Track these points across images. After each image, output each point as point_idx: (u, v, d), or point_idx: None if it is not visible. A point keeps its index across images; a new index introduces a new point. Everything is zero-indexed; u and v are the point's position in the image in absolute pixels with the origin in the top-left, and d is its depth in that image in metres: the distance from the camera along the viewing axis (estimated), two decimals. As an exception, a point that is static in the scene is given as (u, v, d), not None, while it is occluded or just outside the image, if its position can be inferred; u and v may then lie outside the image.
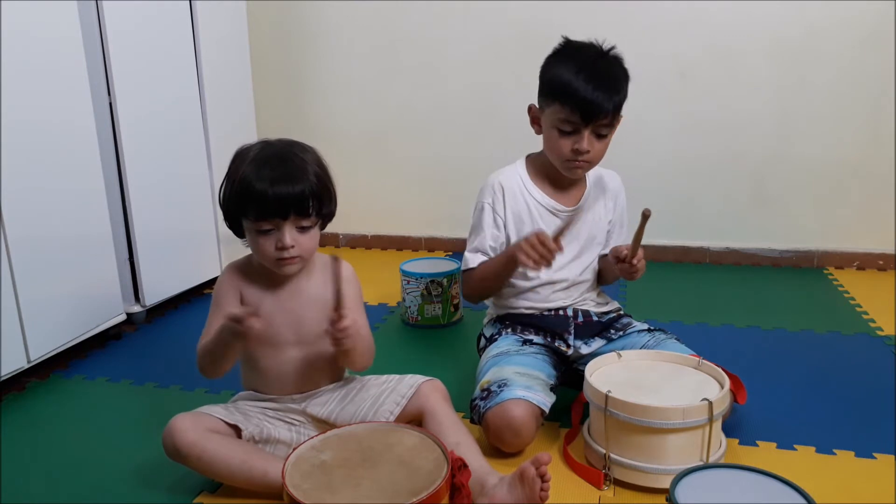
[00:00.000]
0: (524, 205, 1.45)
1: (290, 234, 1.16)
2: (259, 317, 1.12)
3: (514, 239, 1.45)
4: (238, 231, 1.22)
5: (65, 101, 1.63)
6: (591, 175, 1.50)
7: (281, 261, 1.18)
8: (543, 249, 1.26)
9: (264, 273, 1.24)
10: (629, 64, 1.38)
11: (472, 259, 1.46)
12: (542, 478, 1.03)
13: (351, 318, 1.13)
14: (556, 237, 1.28)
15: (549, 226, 1.44)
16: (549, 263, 1.29)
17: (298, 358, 1.24)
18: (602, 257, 1.51)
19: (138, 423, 1.45)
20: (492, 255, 1.45)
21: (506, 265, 1.40)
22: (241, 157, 1.18)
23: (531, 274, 1.44)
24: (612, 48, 1.37)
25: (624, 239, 1.55)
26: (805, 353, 1.73)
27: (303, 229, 1.18)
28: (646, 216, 1.25)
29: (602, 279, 1.53)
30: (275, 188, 1.12)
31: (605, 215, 1.51)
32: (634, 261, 1.35)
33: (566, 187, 1.47)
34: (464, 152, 2.56)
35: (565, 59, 1.36)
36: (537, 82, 1.41)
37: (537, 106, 1.41)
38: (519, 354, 1.37)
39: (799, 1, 2.21)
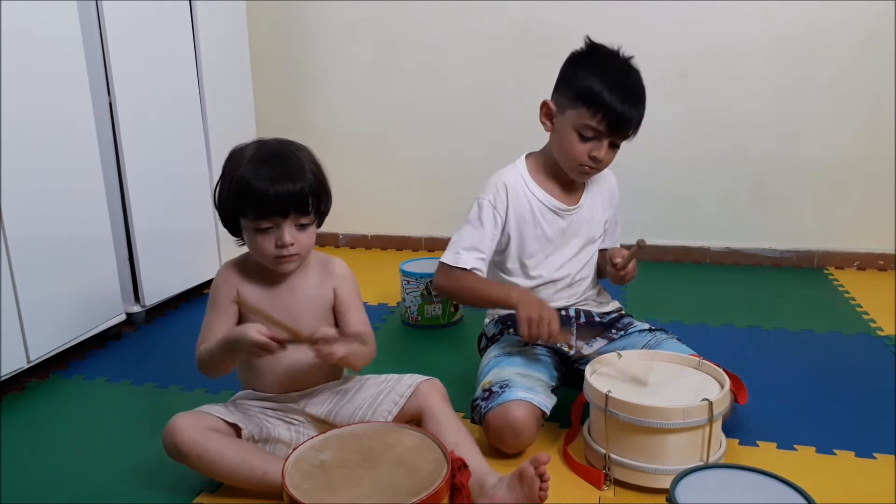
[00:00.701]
0: (527, 204, 1.44)
1: (289, 232, 1.16)
2: (280, 344, 1.11)
3: (514, 239, 1.45)
4: (234, 230, 1.22)
5: (64, 101, 1.63)
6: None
7: (280, 259, 1.18)
8: (545, 333, 1.27)
9: (261, 271, 1.24)
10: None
11: (467, 259, 1.40)
12: (541, 477, 1.03)
13: (328, 334, 1.12)
14: (566, 336, 1.31)
15: (552, 224, 1.44)
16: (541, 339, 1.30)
17: (295, 356, 1.23)
18: (601, 251, 1.53)
19: (138, 423, 1.45)
20: (487, 254, 1.43)
21: (498, 303, 1.42)
22: (237, 156, 1.18)
23: (533, 273, 1.45)
24: (632, 57, 1.39)
25: (618, 237, 1.59)
26: (805, 354, 1.73)
27: (302, 227, 1.18)
28: (640, 246, 1.29)
29: (600, 273, 1.54)
30: (275, 187, 1.12)
31: (603, 214, 1.52)
32: (623, 273, 1.39)
33: (567, 187, 1.47)
34: (464, 152, 2.56)
35: (595, 65, 1.36)
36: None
37: (553, 104, 1.40)
38: (521, 355, 1.37)
39: (799, 1, 2.21)
